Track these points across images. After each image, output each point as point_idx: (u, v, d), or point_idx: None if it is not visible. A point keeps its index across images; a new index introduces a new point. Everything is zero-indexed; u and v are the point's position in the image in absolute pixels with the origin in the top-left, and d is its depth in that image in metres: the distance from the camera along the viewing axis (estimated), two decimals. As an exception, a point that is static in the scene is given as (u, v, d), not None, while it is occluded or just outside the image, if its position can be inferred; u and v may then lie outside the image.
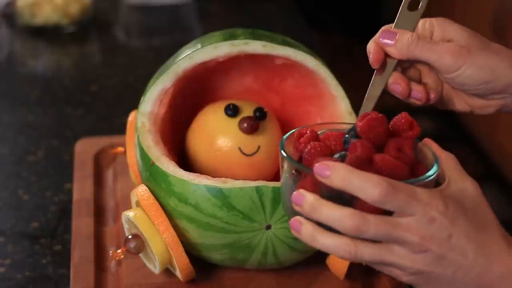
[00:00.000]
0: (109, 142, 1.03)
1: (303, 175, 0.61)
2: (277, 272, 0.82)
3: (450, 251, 0.59)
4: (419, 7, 0.73)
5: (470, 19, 2.54)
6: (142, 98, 0.83)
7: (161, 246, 0.77)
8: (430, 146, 0.66)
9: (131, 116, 0.89)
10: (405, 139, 0.64)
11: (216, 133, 0.81)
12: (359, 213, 0.58)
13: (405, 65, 0.76)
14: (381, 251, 0.59)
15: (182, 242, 0.77)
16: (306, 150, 0.63)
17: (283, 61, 0.83)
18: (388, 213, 0.59)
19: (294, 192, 0.60)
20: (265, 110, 0.82)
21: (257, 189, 0.73)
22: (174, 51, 0.86)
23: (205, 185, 0.74)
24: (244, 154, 0.80)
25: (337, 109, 0.83)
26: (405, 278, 0.61)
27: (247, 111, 0.82)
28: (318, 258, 0.81)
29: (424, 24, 0.74)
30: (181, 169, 0.76)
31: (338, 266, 0.80)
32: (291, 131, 0.68)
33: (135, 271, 0.82)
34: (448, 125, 2.67)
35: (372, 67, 0.74)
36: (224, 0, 1.67)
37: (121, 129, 1.02)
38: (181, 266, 0.77)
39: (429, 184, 0.62)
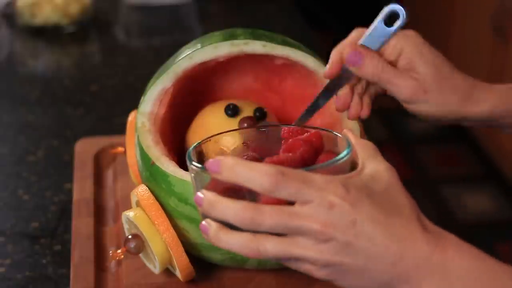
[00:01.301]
0: (109, 142, 1.03)
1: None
2: (277, 272, 0.82)
3: (356, 237, 0.56)
4: (396, 24, 0.71)
5: (470, 19, 2.54)
6: (142, 98, 0.83)
7: (161, 246, 0.77)
8: (346, 136, 0.64)
9: (131, 116, 0.89)
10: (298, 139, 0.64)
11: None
12: (253, 205, 0.56)
13: None
14: (286, 245, 0.57)
15: (182, 242, 0.77)
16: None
17: (283, 61, 0.83)
18: (291, 205, 0.57)
19: (197, 193, 0.59)
20: (265, 110, 0.82)
21: (257, 189, 0.73)
22: (174, 51, 0.86)
23: (205, 185, 0.74)
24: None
25: (337, 109, 0.83)
26: (318, 273, 0.58)
27: (247, 111, 0.82)
28: (318, 258, 0.81)
29: (395, 44, 0.77)
30: (181, 169, 0.76)
31: (338, 266, 0.80)
32: (197, 143, 0.68)
33: (135, 271, 0.82)
34: (448, 125, 2.67)
35: (324, 77, 0.77)
36: (224, 0, 1.67)
37: (121, 129, 1.02)
38: (181, 266, 0.77)
39: (337, 170, 0.59)
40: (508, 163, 2.34)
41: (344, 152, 0.61)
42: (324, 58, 0.85)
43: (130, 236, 0.79)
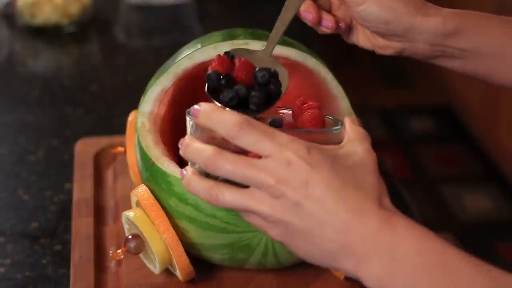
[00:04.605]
0: (109, 142, 1.03)
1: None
2: (277, 272, 0.82)
3: (306, 198, 0.57)
4: None
5: (470, 19, 2.53)
6: (142, 98, 0.83)
7: (161, 246, 0.77)
8: (344, 121, 0.65)
9: (131, 116, 0.89)
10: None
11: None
12: (218, 149, 0.59)
13: None
14: (242, 196, 0.59)
15: (182, 242, 0.77)
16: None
17: (283, 61, 0.83)
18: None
19: (181, 139, 0.63)
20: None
21: (257, 189, 0.73)
22: (174, 51, 0.86)
23: (205, 185, 0.74)
24: (244, 154, 0.80)
25: (337, 109, 0.83)
26: (270, 231, 0.60)
27: (247, 111, 0.82)
28: (318, 258, 0.81)
29: None
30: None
31: (338, 266, 0.80)
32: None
33: (135, 271, 0.82)
34: (448, 125, 2.67)
35: None
36: (224, 0, 1.67)
37: (121, 129, 1.02)
38: (181, 266, 0.77)
39: (319, 141, 0.60)
40: (508, 163, 2.34)
41: (333, 128, 0.63)
42: (324, 58, 0.85)
43: (130, 236, 0.79)
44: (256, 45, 0.81)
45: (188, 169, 0.62)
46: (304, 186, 0.57)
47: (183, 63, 0.81)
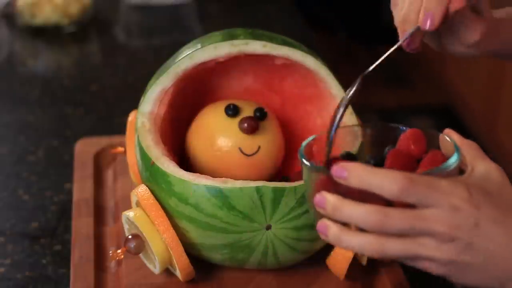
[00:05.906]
0: (109, 142, 1.03)
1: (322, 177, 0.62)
2: (277, 272, 0.82)
3: (478, 238, 0.59)
4: None
5: (470, 19, 2.53)
6: (142, 98, 0.83)
7: (161, 246, 0.77)
8: (451, 136, 0.66)
9: (131, 116, 0.89)
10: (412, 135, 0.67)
11: (216, 133, 0.81)
12: (381, 208, 0.58)
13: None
14: (409, 245, 0.59)
15: (182, 242, 0.77)
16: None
17: (283, 61, 0.83)
18: (411, 205, 0.59)
19: (316, 195, 0.61)
20: (265, 110, 0.83)
21: (257, 189, 0.73)
22: (174, 51, 0.86)
23: (205, 185, 0.74)
24: (244, 154, 0.80)
25: (337, 109, 0.83)
26: (437, 270, 0.60)
27: (247, 111, 0.82)
28: (318, 258, 0.81)
29: None
30: (181, 169, 0.76)
31: (338, 266, 0.80)
32: (309, 139, 0.68)
33: (135, 271, 0.82)
34: (448, 125, 2.67)
35: (428, 28, 0.72)
36: (224, 0, 1.67)
37: (121, 129, 1.02)
38: (181, 266, 0.77)
39: (451, 173, 0.62)
40: (508, 163, 2.34)
41: (455, 156, 0.63)
42: (324, 58, 0.85)
43: (130, 236, 0.79)
44: (256, 45, 0.81)
45: (332, 225, 0.60)
46: (475, 227, 0.59)
47: (183, 63, 0.81)
